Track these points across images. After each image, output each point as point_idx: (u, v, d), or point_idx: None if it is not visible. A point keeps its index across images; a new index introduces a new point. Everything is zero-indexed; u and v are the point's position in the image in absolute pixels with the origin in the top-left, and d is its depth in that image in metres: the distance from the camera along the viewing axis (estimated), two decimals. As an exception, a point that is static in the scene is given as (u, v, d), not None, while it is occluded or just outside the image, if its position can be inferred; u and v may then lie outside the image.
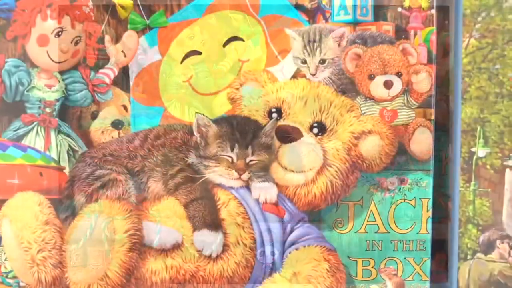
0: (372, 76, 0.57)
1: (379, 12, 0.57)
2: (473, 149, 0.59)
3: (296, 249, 0.56)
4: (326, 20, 0.57)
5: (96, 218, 0.56)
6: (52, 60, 0.57)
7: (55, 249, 0.56)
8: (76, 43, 0.56)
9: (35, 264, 0.56)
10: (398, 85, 0.57)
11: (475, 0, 0.55)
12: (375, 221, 0.59)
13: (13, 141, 0.58)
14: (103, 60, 0.57)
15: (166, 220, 0.57)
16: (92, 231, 0.57)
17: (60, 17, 0.55)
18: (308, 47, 0.58)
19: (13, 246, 0.57)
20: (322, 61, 0.57)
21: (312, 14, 0.56)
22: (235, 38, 0.58)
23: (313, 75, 0.56)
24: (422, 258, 0.58)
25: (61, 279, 0.57)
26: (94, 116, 0.59)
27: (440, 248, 0.62)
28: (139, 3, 0.56)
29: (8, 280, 0.57)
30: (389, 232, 0.58)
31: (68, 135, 0.61)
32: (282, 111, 0.56)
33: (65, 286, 0.57)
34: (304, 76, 0.59)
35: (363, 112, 0.59)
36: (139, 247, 0.56)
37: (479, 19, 0.56)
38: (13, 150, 0.58)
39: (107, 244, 0.57)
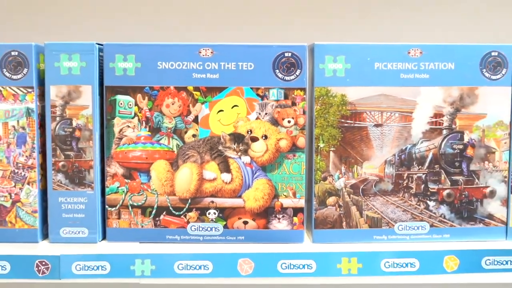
0: (283, 118, 0.94)
1: (286, 96, 0.94)
2: (319, 144, 0.95)
3: (257, 179, 0.95)
4: (268, 99, 0.94)
5: (186, 169, 0.95)
6: (171, 113, 0.94)
7: (171, 180, 0.95)
8: (180, 107, 0.93)
9: (163, 185, 0.95)
10: (292, 122, 0.94)
11: (318, 94, 0.93)
12: (285, 169, 0.96)
13: (156, 141, 0.95)
14: (188, 113, 0.95)
15: (211, 169, 0.96)
16: (185, 173, 0.96)
17: (173, 97, 0.93)
18: (261, 109, 0.94)
19: (155, 179, 0.95)
20: (266, 113, 0.94)
21: (262, 97, 0.94)
22: (235, 106, 0.95)
23: (262, 118, 0.94)
24: (302, 183, 0.96)
25: (173, 191, 0.95)
26: (185, 132, 0.95)
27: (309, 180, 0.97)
28: (201, 92, 0.94)
29: (153, 192, 0.95)
30: (289, 174, 0.95)
31: (176, 139, 0.95)
32: (252, 131, 0.94)
33: (174, 193, 0.95)
34: (259, 118, 0.94)
35: (280, 131, 0.94)
36: (202, 178, 0.95)
37: (320, 99, 0.94)
38: (156, 144, 0.95)
39: (190, 175, 0.95)
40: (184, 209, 0.97)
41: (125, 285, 1.04)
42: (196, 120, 0.97)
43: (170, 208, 0.98)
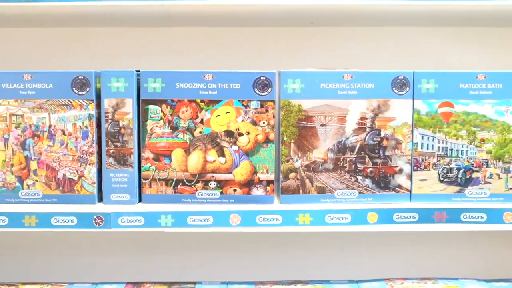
0: (260, 121, 1.12)
1: (262, 106, 1.11)
2: (284, 138, 1.14)
3: (242, 161, 1.15)
4: (249, 108, 1.12)
5: (195, 154, 1.15)
6: (185, 117, 1.13)
7: (185, 162, 1.15)
8: (191, 113, 1.11)
9: (180, 165, 1.15)
10: (266, 123, 1.12)
11: (283, 104, 1.11)
12: (261, 155, 1.15)
13: (175, 136, 1.15)
14: (196, 117, 1.12)
15: (212, 154, 1.15)
16: (194, 157, 1.16)
17: (186, 107, 1.11)
18: (245, 114, 1.13)
19: (174, 161, 1.16)
20: (248, 117, 1.12)
21: (246, 106, 1.11)
22: (228, 112, 1.13)
23: (246, 120, 1.12)
24: (272, 164, 1.14)
25: (186, 169, 1.15)
26: (194, 130, 1.13)
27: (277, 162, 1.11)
28: (205, 103, 1.11)
29: (173, 170, 1.15)
30: (264, 157, 1.15)
31: (188, 135, 1.15)
32: (239, 129, 1.13)
33: (187, 171, 1.15)
34: (244, 120, 1.12)
35: (258, 129, 1.14)
36: (205, 161, 1.15)
37: (284, 108, 1.14)
38: (175, 138, 1.15)
39: (198, 158, 1.15)
40: (194, 181, 1.19)
41: (154, 233, 1.22)
42: (202, 121, 1.18)
43: (185, 180, 1.19)
